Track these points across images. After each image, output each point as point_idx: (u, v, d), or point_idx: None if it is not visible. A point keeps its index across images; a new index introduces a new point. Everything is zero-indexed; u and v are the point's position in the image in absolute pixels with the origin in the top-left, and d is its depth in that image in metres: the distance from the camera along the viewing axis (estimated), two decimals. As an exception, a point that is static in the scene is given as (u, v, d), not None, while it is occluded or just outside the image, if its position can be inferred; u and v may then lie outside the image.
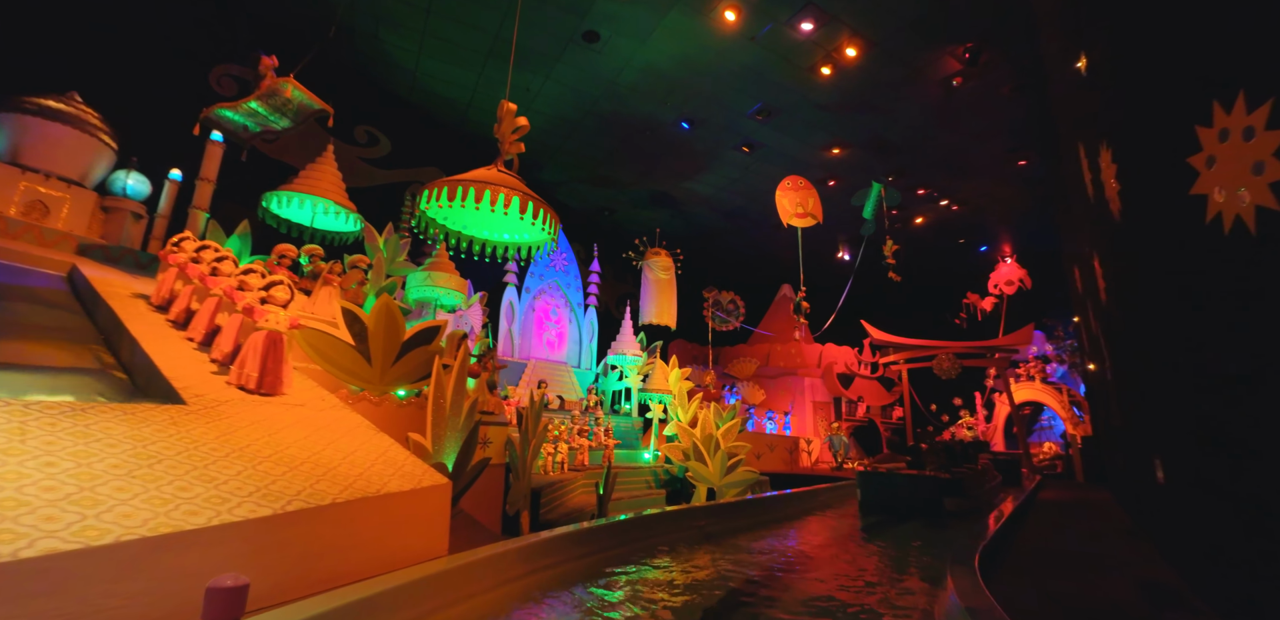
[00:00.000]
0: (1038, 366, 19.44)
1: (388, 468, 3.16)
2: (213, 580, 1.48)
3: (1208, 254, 2.89)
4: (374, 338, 4.84)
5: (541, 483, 7.74)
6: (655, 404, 12.99)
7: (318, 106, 7.59)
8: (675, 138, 14.51)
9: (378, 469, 3.09)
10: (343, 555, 2.53)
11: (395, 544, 2.85)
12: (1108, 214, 4.83)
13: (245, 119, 7.96)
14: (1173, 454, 4.06)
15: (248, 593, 1.50)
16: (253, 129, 8.18)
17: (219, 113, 7.82)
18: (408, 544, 2.93)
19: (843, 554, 4.80)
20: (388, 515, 2.80)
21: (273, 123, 8.03)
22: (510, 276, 13.20)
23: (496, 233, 6.82)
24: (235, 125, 8.10)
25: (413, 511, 2.97)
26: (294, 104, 7.62)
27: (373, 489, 2.81)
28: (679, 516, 5.17)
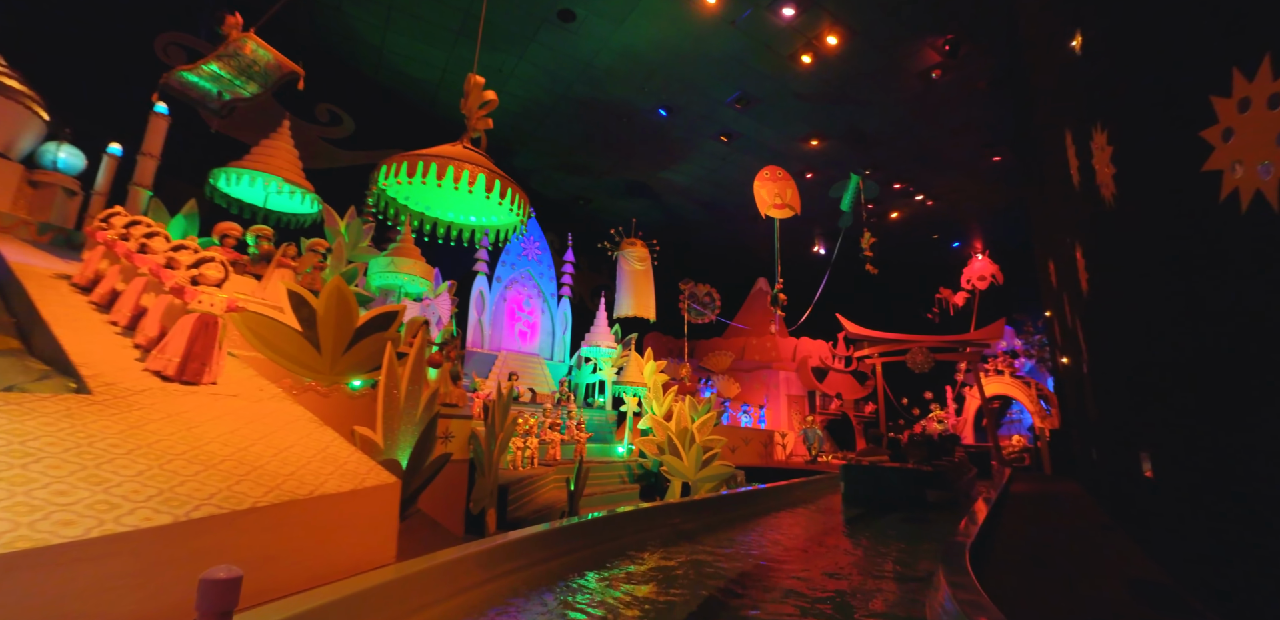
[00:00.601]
0: (1006, 361, 19.69)
1: (327, 465, 2.81)
2: (205, 572, 1.45)
3: (1221, 234, 2.70)
4: (324, 323, 4.44)
5: (510, 479, 7.41)
6: (630, 397, 12.72)
7: (287, 69, 6.97)
8: (652, 125, 14.18)
9: (315, 467, 2.74)
10: (266, 568, 2.18)
11: (333, 552, 2.51)
12: (1098, 201, 4.68)
13: (211, 84, 7.30)
14: (1164, 448, 3.93)
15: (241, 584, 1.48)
16: (222, 96, 7.54)
17: (182, 76, 7.14)
18: (349, 552, 2.59)
19: (827, 551, 4.59)
20: (323, 520, 2.46)
21: (240, 88, 7.40)
22: (481, 265, 12.76)
23: (462, 214, 6.42)
24: (201, 91, 7.45)
25: (354, 514, 2.63)
26: (260, 66, 7.00)
27: (305, 490, 2.46)
28: (652, 514, 4.91)
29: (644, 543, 4.51)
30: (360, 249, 9.68)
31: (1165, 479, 4.00)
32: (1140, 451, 4.62)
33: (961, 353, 17.58)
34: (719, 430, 13.63)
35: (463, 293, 12.34)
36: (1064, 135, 6.12)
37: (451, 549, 2.89)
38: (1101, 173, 4.44)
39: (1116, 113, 3.97)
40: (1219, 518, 3.17)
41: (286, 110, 9.38)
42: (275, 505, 2.27)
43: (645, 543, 4.52)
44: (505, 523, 6.67)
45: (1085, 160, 5.00)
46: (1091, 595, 3.57)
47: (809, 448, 16.38)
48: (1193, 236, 2.98)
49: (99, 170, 7.61)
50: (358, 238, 9.69)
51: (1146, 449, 4.32)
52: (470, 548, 3.05)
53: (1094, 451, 8.01)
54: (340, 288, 4.53)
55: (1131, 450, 4.82)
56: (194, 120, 9.40)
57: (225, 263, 3.68)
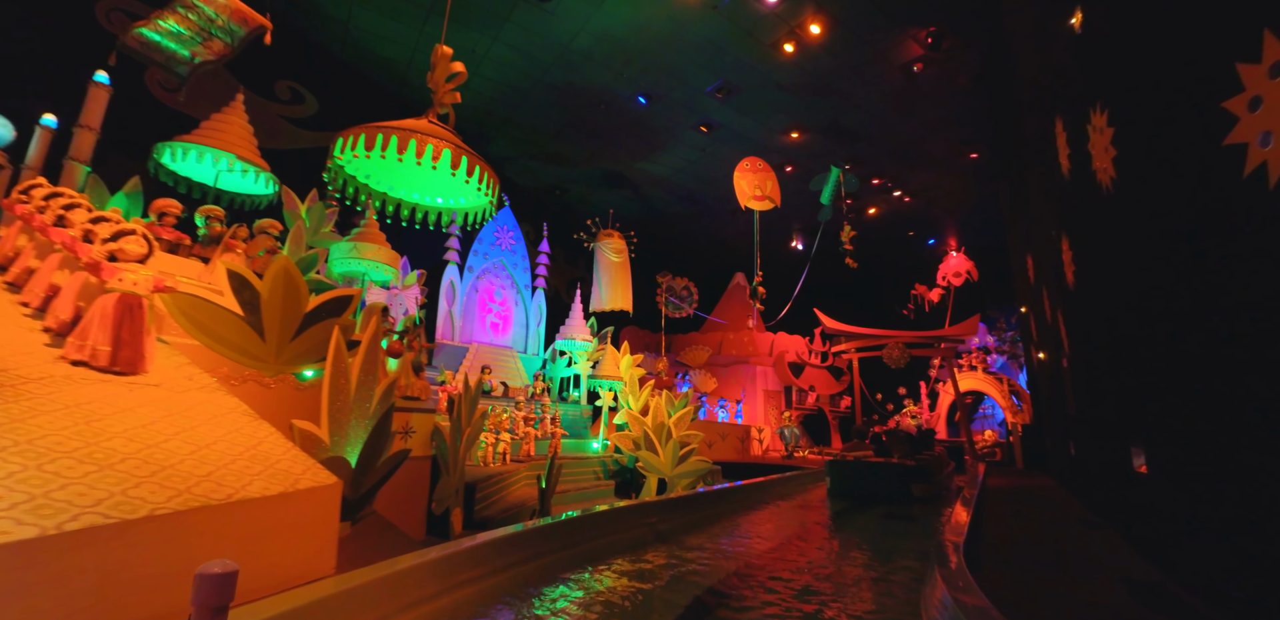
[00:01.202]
0: (980, 357, 19.87)
1: (255, 465, 2.45)
2: (201, 566, 1.43)
3: (1244, 212, 2.50)
4: (269, 308, 4.04)
5: (479, 476, 7.05)
6: (605, 391, 12.41)
7: (252, 22, 6.37)
8: (631, 113, 13.83)
9: (239, 467, 2.38)
10: (165, 588, 1.83)
11: (256, 566, 2.16)
12: (1093, 188, 4.50)
13: (174, 43, 6.66)
14: (1164, 442, 3.77)
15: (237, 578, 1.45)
16: (185, 56, 6.91)
17: (142, 34, 6.44)
18: (277, 565, 2.25)
19: (813, 550, 4.36)
20: (242, 528, 2.12)
21: (204, 47, 6.78)
22: (452, 254, 12.29)
23: (428, 196, 6.02)
24: (165, 54, 6.81)
25: (283, 521, 2.29)
26: (222, 20, 6.41)
27: (221, 494, 2.11)
28: (627, 514, 4.62)
29: (619, 545, 4.22)
30: (322, 234, 9.19)
31: (1163, 474, 3.85)
32: (1133, 446, 4.47)
33: (937, 348, 17.66)
34: (696, 425, 13.42)
35: (432, 283, 11.87)
36: (1053, 123, 5.95)
37: (401, 558, 2.55)
38: (1099, 157, 4.25)
39: (1120, 91, 3.77)
40: (1224, 515, 3.01)
41: (242, 85, 8.81)
42: (180, 513, 1.92)
43: (620, 545, 4.23)
44: (472, 523, 6.33)
45: (1079, 146, 4.83)
46: (1088, 595, 3.39)
47: (786, 443, 16.28)
48: (1208, 217, 2.79)
49: (30, 143, 7.01)
50: (319, 222, 9.19)
51: (1142, 444, 4.17)
52: (425, 555, 2.72)
53: (1072, 446, 7.96)
54: (288, 268, 4.12)
55: (1122, 445, 4.68)
56: (140, 92, 8.77)
57: (149, 236, 3.26)
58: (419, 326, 5.53)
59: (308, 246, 8.59)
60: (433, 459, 5.24)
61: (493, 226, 13.17)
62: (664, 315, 17.50)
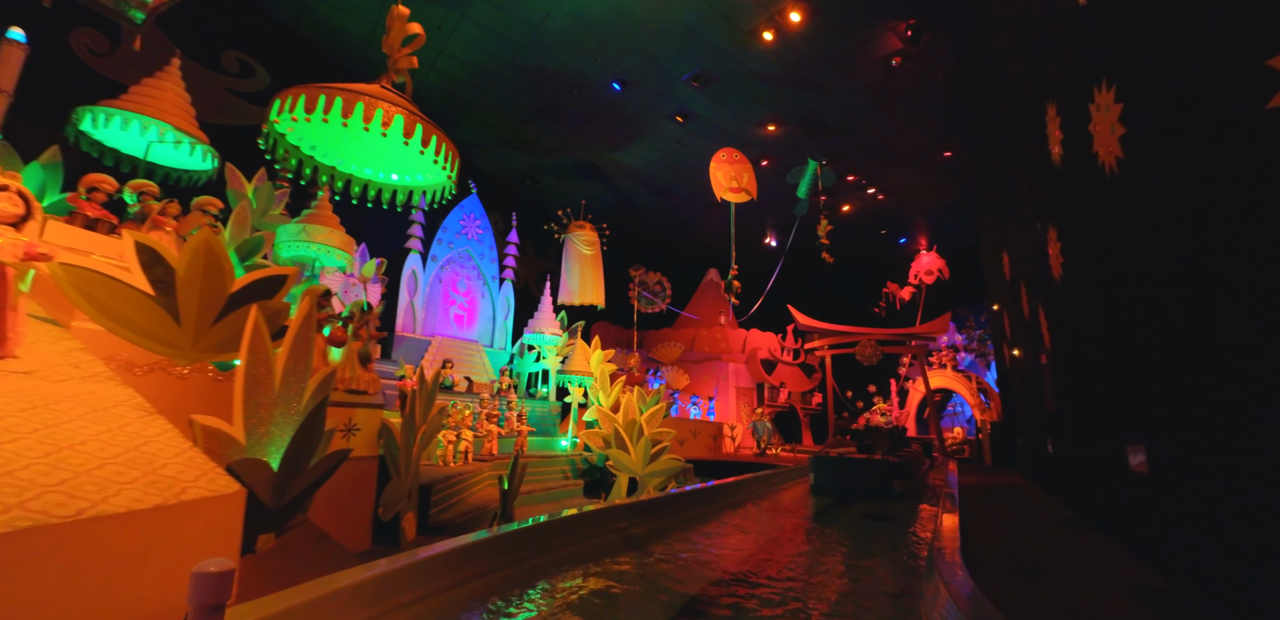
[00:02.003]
0: (949, 355, 20.01)
1: (131, 469, 1.98)
2: (197, 565, 1.41)
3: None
4: (186, 287, 3.50)
5: (437, 476, 6.56)
6: (575, 387, 11.97)
7: None
8: (605, 100, 13.37)
9: (109, 472, 1.91)
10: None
11: (121, 599, 1.69)
12: (1092, 171, 4.26)
13: None
14: (1172, 441, 3.53)
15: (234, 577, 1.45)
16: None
17: None
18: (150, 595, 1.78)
19: (797, 557, 4.02)
20: (99, 552, 1.65)
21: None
22: (414, 242, 11.67)
23: (382, 171, 5.49)
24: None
25: (161, 542, 1.83)
26: None
27: (70, 508, 1.64)
28: (593, 519, 4.21)
29: (584, 554, 3.81)
30: (271, 217, 8.53)
31: (1169, 473, 3.61)
32: (1130, 444, 4.25)
33: (908, 346, 17.69)
34: (668, 422, 13.07)
35: (393, 272, 11.25)
36: (1043, 110, 5.72)
37: (319, 581, 2.10)
38: (1103, 137, 3.99)
39: (1132, 62, 3.50)
40: (1239, 517, 2.77)
41: (183, 52, 8.08)
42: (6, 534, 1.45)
43: (585, 554, 3.83)
44: (428, 528, 5.85)
45: (1076, 129, 4.58)
46: (1098, 604, 3.12)
47: (758, 440, 16.07)
48: (1238, 195, 2.51)
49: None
50: (267, 204, 8.53)
51: (1144, 441, 3.94)
52: (352, 576, 2.27)
53: (1050, 443, 7.83)
54: (209, 242, 3.59)
55: (1117, 443, 4.46)
56: (62, 52, 7.97)
57: (26, 194, 2.72)
58: (369, 313, 5.02)
59: (253, 229, 7.95)
60: (380, 459, 4.75)
61: (458, 214, 12.58)
62: (636, 310, 17.11)
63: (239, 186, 8.13)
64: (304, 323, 3.31)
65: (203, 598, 1.37)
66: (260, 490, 2.88)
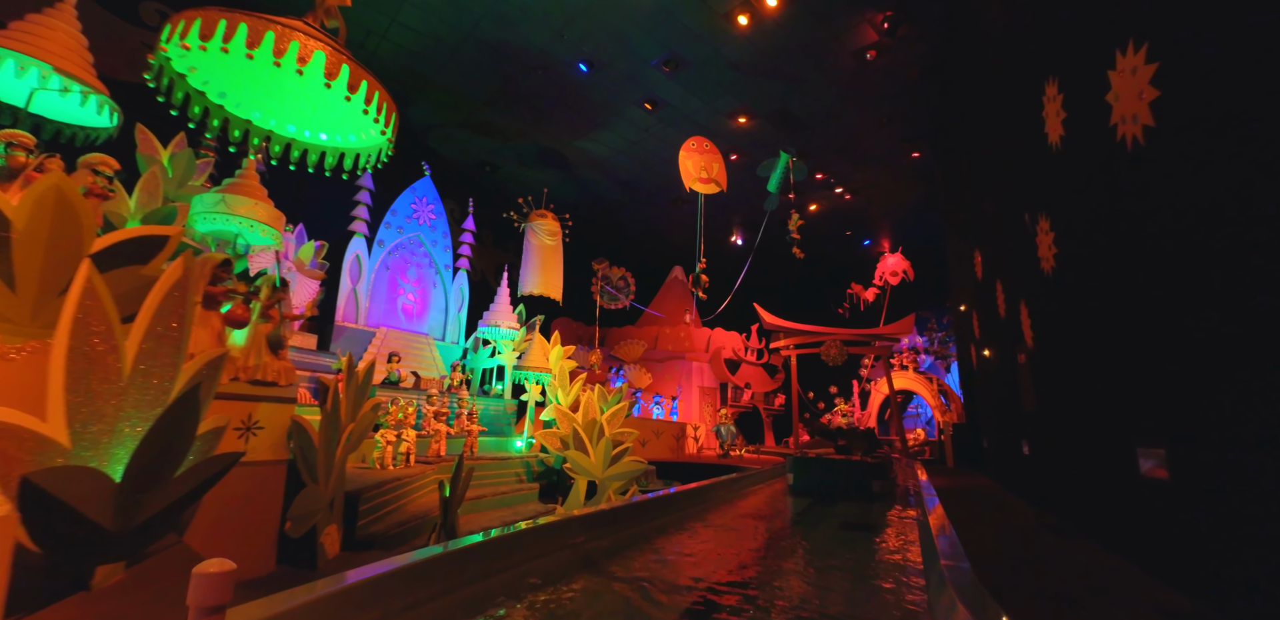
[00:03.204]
0: (911, 357, 20.04)
1: None
2: (198, 566, 1.43)
3: None
4: (24, 245, 2.72)
5: (369, 482, 5.80)
6: (532, 385, 11.26)
7: None
8: (571, 82, 12.69)
9: None
10: None
11: None
12: (1105, 149, 3.86)
13: None
14: (1204, 445, 3.12)
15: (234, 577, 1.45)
16: None
17: None
18: None
19: (778, 574, 3.48)
20: None
21: None
22: (359, 225, 10.74)
23: (307, 127, 4.71)
24: None
25: None
26: None
27: None
28: (545, 534, 3.58)
29: (532, 576, 3.18)
30: (189, 188, 7.56)
31: (1196, 481, 3.21)
32: (1141, 447, 3.86)
33: (872, 347, 17.56)
34: (630, 422, 12.48)
35: (334, 258, 10.32)
36: (1040, 90, 5.35)
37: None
38: (1127, 104, 3.57)
39: (1175, 15, 3.07)
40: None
41: None
42: None
43: (532, 577, 3.20)
44: (354, 542, 5.09)
45: (1088, 103, 4.19)
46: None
47: (721, 442, 15.63)
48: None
49: None
50: (186, 173, 7.56)
51: (1166, 446, 3.54)
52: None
53: (1025, 446, 7.56)
54: (59, 188, 2.81)
55: (1122, 447, 4.06)
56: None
57: None
58: (281, 290, 4.25)
59: (166, 199, 7.00)
60: (291, 464, 4.00)
61: (409, 197, 11.68)
62: (599, 306, 16.45)
63: (151, 151, 7.16)
64: (172, 291, 2.57)
65: (202, 598, 1.37)
66: (91, 508, 2.16)
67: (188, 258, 2.68)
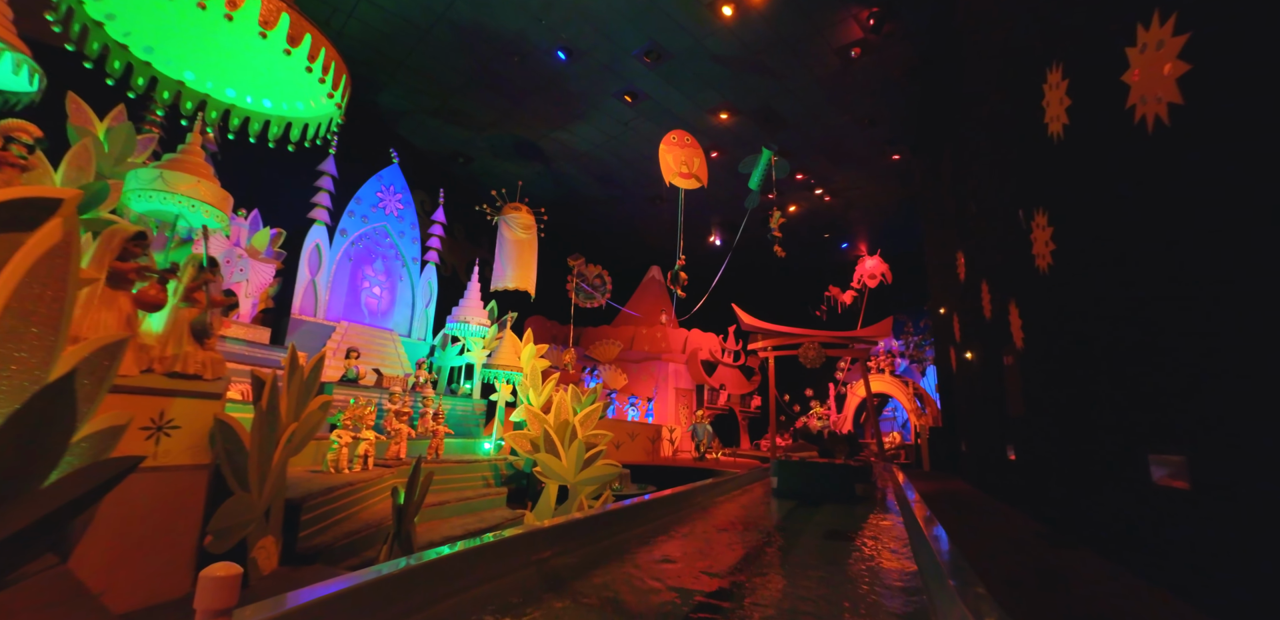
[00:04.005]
0: (887, 360, 20.00)
1: None
2: (205, 569, 1.46)
3: None
4: None
5: (318, 487, 5.29)
6: (503, 384, 10.76)
7: None
8: (548, 70, 12.24)
9: None
10: None
11: None
12: (1117, 135, 3.60)
13: None
14: (1230, 453, 2.85)
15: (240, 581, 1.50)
16: None
17: None
18: None
19: (768, 599, 3.11)
20: None
21: None
22: (320, 213, 10.13)
23: (242, 90, 4.20)
24: None
25: None
26: None
27: None
28: (503, 550, 3.15)
29: (484, 600, 2.76)
30: (129, 165, 6.94)
31: (1222, 492, 2.93)
32: (1154, 454, 3.59)
33: (850, 349, 17.44)
34: (604, 424, 12.06)
35: (293, 247, 9.70)
36: (1040, 79, 5.11)
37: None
38: (1149, 83, 3.29)
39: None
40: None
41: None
42: None
43: (486, 599, 2.77)
44: (295, 555, 4.59)
45: (1096, 87, 3.93)
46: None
47: (697, 444, 15.30)
48: None
49: None
50: (125, 149, 6.92)
51: (1185, 453, 3.26)
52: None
53: (1011, 451, 7.35)
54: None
55: (1133, 454, 3.80)
56: None
57: None
58: (210, 271, 3.75)
59: (98, 175, 6.39)
60: (214, 469, 3.50)
61: (375, 185, 11.09)
62: (573, 304, 15.99)
63: (84, 122, 6.52)
64: (45, 260, 2.10)
65: (209, 602, 1.38)
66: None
67: (69, 220, 2.20)
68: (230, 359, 8.48)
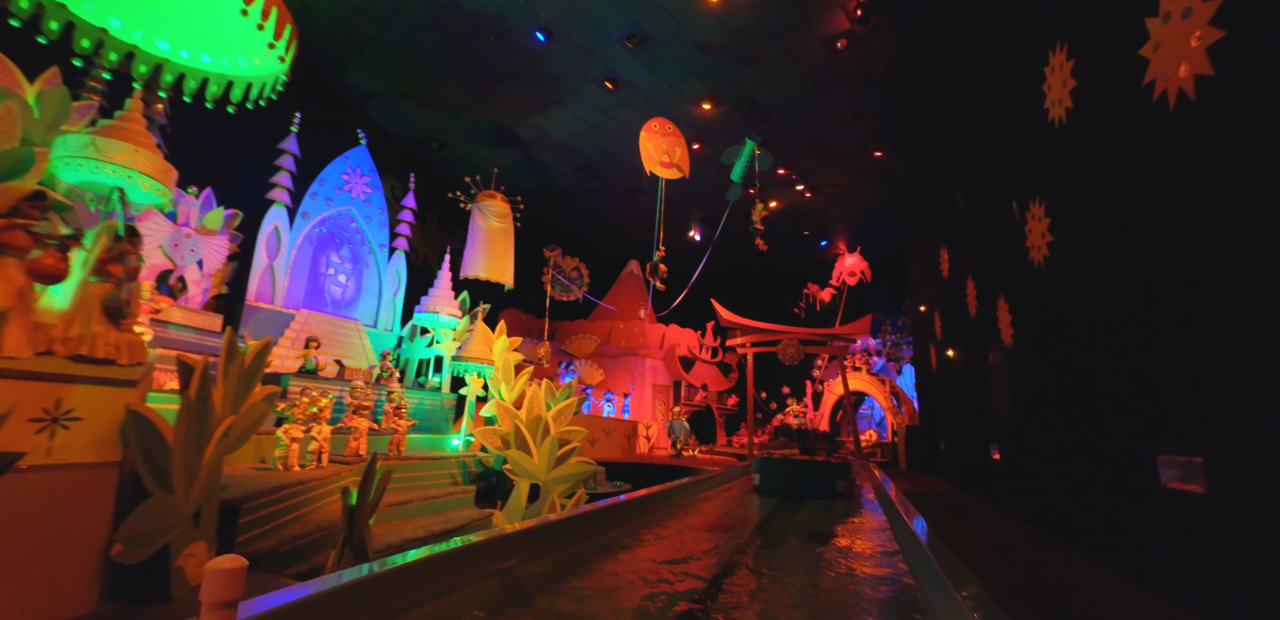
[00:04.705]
0: (864, 358, 19.98)
1: None
2: (210, 562, 1.44)
3: None
4: None
5: (260, 487, 4.83)
6: (473, 378, 10.31)
7: None
8: (526, 52, 11.77)
9: None
10: None
11: None
12: (1129, 117, 3.37)
13: None
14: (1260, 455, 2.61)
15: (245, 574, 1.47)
16: None
17: None
18: None
19: (762, 605, 2.79)
20: None
21: None
22: (280, 194, 9.54)
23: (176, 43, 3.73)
24: None
25: None
26: None
27: None
28: (461, 560, 2.79)
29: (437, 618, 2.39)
30: (61, 133, 6.34)
31: (1244, 497, 2.71)
32: (1164, 455, 3.37)
33: (829, 347, 17.34)
34: (579, 420, 11.69)
35: (250, 229, 9.11)
36: (1044, 58, 4.87)
37: None
38: (1170, 57, 3.04)
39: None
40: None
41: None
42: None
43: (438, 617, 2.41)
44: (231, 560, 4.13)
45: (1107, 64, 3.69)
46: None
47: (674, 441, 15.02)
48: None
49: None
50: (59, 115, 6.28)
51: (1204, 454, 3.03)
52: None
53: (996, 450, 7.19)
54: None
55: (1141, 454, 3.58)
56: None
57: None
58: (127, 241, 3.29)
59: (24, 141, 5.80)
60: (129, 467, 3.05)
61: (341, 166, 10.52)
62: (549, 296, 15.56)
63: (9, 84, 5.91)
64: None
65: (214, 595, 1.38)
66: None
67: None
68: (177, 347, 7.90)
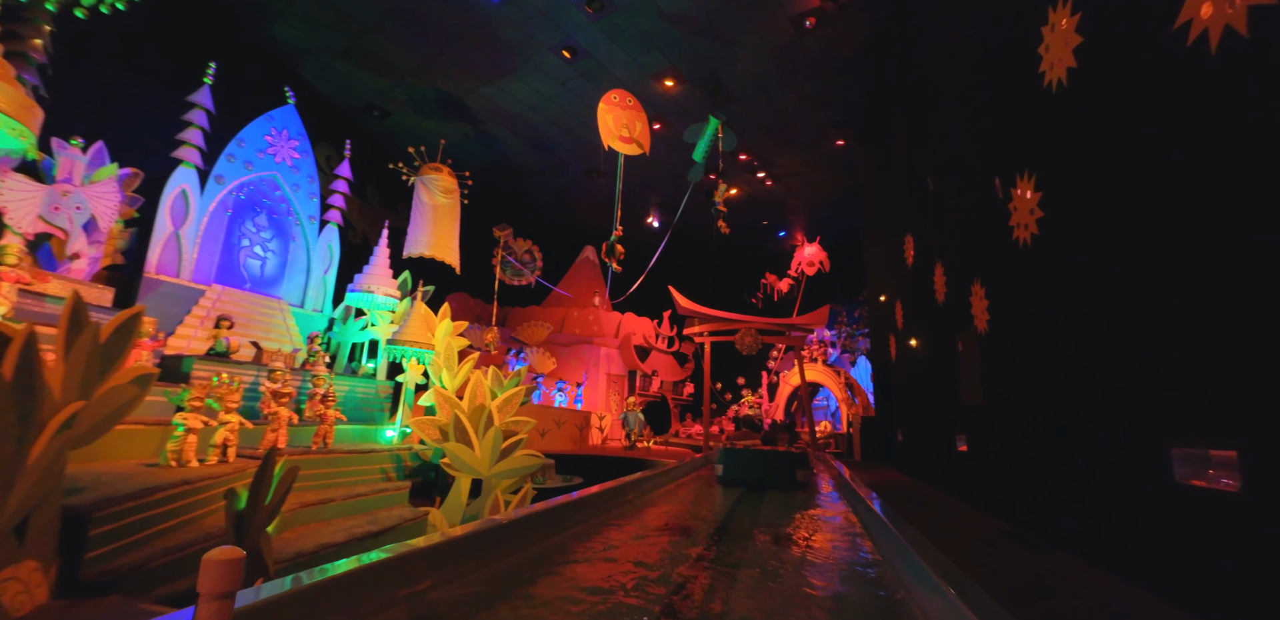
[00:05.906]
0: (820, 349, 19.94)
1: None
2: (208, 553, 1.39)
3: None
4: None
5: (130, 489, 4.00)
6: (412, 364, 9.47)
7: None
8: (478, 12, 10.85)
9: None
10: None
11: None
12: (1172, 60, 2.96)
13: None
14: None
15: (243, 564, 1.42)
16: None
17: None
18: None
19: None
20: None
21: None
22: (189, 153, 8.39)
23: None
24: None
25: None
26: None
27: None
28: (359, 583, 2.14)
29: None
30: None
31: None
32: (1177, 447, 2.99)
33: (787, 337, 17.16)
34: (528, 410, 11.00)
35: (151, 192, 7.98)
36: (1043, 16, 4.46)
37: None
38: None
39: None
40: None
41: None
42: None
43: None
44: (79, 583, 3.34)
45: (1121, 13, 3.28)
46: None
47: (628, 432, 14.50)
48: None
49: None
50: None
51: (1238, 448, 2.65)
52: None
53: (964, 442, 6.92)
54: None
55: (1153, 448, 3.20)
56: None
57: None
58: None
59: None
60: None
61: (264, 126, 9.40)
62: (498, 280, 14.71)
63: None
64: None
65: (212, 585, 1.36)
66: None
67: None
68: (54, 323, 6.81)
